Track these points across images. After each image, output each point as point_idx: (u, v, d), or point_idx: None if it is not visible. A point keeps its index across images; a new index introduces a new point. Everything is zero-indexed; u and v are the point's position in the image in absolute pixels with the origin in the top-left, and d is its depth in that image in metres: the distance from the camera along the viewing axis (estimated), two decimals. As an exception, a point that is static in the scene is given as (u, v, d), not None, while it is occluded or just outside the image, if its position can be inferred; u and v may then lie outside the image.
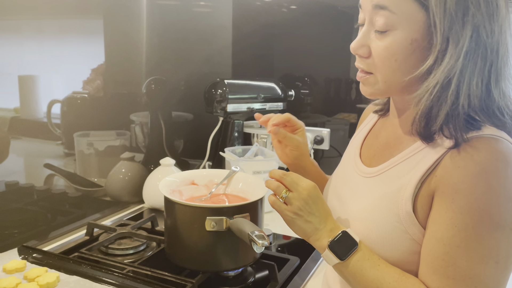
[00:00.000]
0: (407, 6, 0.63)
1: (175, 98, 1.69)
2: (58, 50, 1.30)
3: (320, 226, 0.73)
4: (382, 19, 0.65)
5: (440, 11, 0.61)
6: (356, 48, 0.70)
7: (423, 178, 0.66)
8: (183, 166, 1.59)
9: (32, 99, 1.25)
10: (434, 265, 0.64)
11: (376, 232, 0.70)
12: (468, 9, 0.61)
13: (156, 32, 1.58)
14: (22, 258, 1.05)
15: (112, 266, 0.99)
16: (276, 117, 0.90)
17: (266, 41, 1.84)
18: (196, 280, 0.93)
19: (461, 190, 0.61)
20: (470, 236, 0.61)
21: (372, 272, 0.68)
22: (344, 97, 1.70)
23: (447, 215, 0.63)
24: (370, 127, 0.86)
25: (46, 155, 1.32)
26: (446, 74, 0.62)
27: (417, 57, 0.65)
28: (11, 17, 1.15)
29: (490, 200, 0.60)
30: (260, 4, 1.82)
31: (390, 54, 0.66)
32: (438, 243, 0.64)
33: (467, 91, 0.63)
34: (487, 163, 0.61)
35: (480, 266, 0.61)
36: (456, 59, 0.62)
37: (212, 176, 1.09)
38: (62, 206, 1.34)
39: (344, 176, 0.84)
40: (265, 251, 1.01)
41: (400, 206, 0.68)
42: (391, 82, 0.69)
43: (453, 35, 0.62)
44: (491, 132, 0.63)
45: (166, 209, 0.96)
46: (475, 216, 0.61)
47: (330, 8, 1.63)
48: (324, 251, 0.71)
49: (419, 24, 0.64)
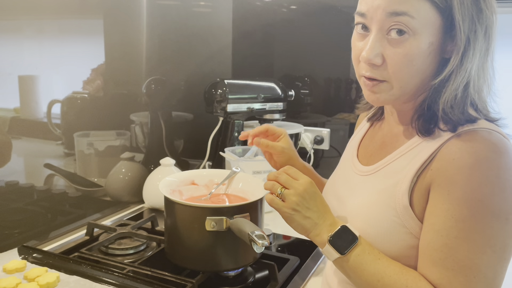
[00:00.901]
0: (425, 10, 0.64)
1: (175, 98, 1.69)
2: (58, 50, 1.30)
3: (319, 221, 0.73)
4: (401, 25, 0.65)
5: (461, 12, 0.64)
6: (372, 57, 0.68)
7: (419, 172, 0.67)
8: (183, 166, 1.59)
9: (32, 99, 1.25)
10: (433, 257, 0.65)
11: (375, 228, 0.71)
12: (482, 10, 0.64)
13: (156, 32, 1.58)
14: (22, 258, 1.05)
15: (112, 266, 0.99)
16: (255, 129, 0.95)
17: (266, 41, 1.84)
18: (196, 280, 0.93)
19: (456, 182, 0.62)
20: (468, 227, 0.62)
21: (372, 265, 0.69)
22: (344, 97, 1.70)
23: (444, 206, 0.64)
24: (366, 130, 0.88)
25: (46, 155, 1.32)
26: (468, 73, 0.65)
27: (432, 59, 0.67)
28: (11, 17, 1.15)
29: (485, 190, 0.61)
30: (260, 4, 1.82)
31: (408, 60, 0.66)
32: (436, 235, 0.64)
33: (476, 89, 0.67)
34: (481, 154, 0.62)
35: (478, 256, 0.62)
36: (475, 59, 0.65)
37: (212, 176, 1.09)
38: (62, 206, 1.34)
39: (342, 176, 0.85)
40: (265, 251, 1.01)
41: (397, 200, 0.69)
42: (407, 87, 0.69)
43: (472, 36, 0.64)
44: (484, 126, 0.65)
45: (166, 209, 0.96)
46: (472, 207, 0.62)
47: (330, 8, 1.63)
48: (325, 246, 0.72)
49: (435, 27, 0.65)
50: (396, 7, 0.65)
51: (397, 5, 0.65)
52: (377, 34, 0.68)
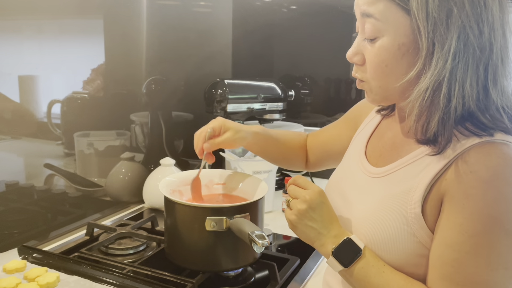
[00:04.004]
0: (391, 12, 0.64)
1: (175, 98, 1.69)
2: (58, 50, 1.30)
3: (323, 231, 0.73)
4: (369, 26, 0.66)
5: (422, 15, 0.61)
6: (351, 56, 0.71)
7: (433, 181, 0.65)
8: (183, 166, 1.59)
9: (32, 99, 1.25)
10: (443, 270, 0.64)
11: (383, 234, 0.69)
12: (451, 11, 0.61)
13: (156, 32, 1.58)
14: (22, 258, 1.05)
15: (112, 266, 0.99)
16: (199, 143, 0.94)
17: (266, 41, 1.84)
18: (196, 280, 0.93)
19: (471, 196, 0.61)
20: (480, 243, 0.61)
21: (377, 278, 0.68)
22: (344, 97, 1.71)
23: (457, 220, 0.62)
24: (374, 125, 0.85)
25: (46, 155, 1.32)
26: (436, 77, 0.62)
27: (408, 60, 0.65)
28: (11, 17, 1.15)
29: (500, 207, 0.60)
30: (260, 4, 1.82)
31: (380, 60, 0.67)
32: (447, 249, 0.63)
33: (460, 93, 0.62)
34: (498, 168, 0.60)
35: (489, 273, 0.61)
36: (444, 62, 0.61)
37: (212, 176, 1.09)
38: (62, 206, 1.34)
39: (349, 174, 0.83)
40: (265, 251, 1.01)
41: (409, 208, 0.67)
42: (386, 88, 0.69)
43: (438, 38, 0.61)
44: (502, 138, 0.62)
45: (166, 209, 0.96)
46: (486, 223, 0.60)
47: (330, 8, 1.63)
48: (329, 258, 0.72)
49: (405, 29, 0.64)
50: (364, 8, 0.67)
51: (366, 6, 0.66)
52: (360, 34, 0.70)
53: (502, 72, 0.64)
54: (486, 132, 0.62)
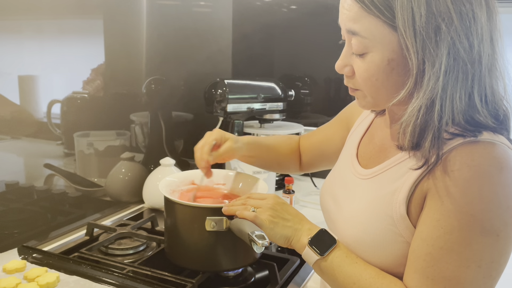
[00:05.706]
0: (377, 29, 0.63)
1: (175, 98, 1.69)
2: (58, 50, 1.30)
3: (298, 226, 0.77)
4: (356, 43, 0.66)
5: (410, 33, 0.60)
6: (340, 68, 0.72)
7: (417, 181, 0.66)
8: (183, 166, 1.59)
9: (32, 99, 1.25)
10: (416, 264, 0.65)
11: (370, 235, 0.70)
12: (440, 27, 0.59)
13: (156, 32, 1.58)
14: (22, 258, 1.05)
15: (112, 266, 1.00)
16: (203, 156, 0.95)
17: (266, 41, 1.84)
18: (196, 280, 0.93)
19: (451, 194, 0.61)
20: (455, 239, 0.61)
21: (350, 268, 0.70)
22: (344, 97, 1.70)
23: (435, 216, 0.63)
24: (366, 125, 0.86)
25: (46, 155, 1.32)
26: (428, 95, 0.61)
27: (399, 73, 0.65)
28: (11, 17, 1.15)
29: (479, 206, 0.60)
30: (260, 4, 1.82)
31: (370, 75, 0.67)
32: (422, 242, 0.64)
33: (450, 107, 0.61)
34: (480, 168, 0.60)
35: (461, 269, 0.61)
36: (436, 80, 0.61)
37: (212, 176, 1.09)
38: (62, 206, 1.34)
39: (341, 176, 0.85)
40: (265, 251, 1.01)
41: (394, 209, 0.68)
42: (378, 98, 0.70)
43: (428, 56, 0.60)
44: (488, 137, 0.62)
45: (166, 209, 0.96)
46: (463, 220, 0.60)
47: (330, 8, 1.63)
48: (304, 249, 0.74)
49: (393, 45, 0.63)
50: (350, 26, 0.66)
51: (351, 23, 0.66)
52: (347, 47, 0.70)
53: (489, 81, 0.63)
54: (471, 133, 0.62)
